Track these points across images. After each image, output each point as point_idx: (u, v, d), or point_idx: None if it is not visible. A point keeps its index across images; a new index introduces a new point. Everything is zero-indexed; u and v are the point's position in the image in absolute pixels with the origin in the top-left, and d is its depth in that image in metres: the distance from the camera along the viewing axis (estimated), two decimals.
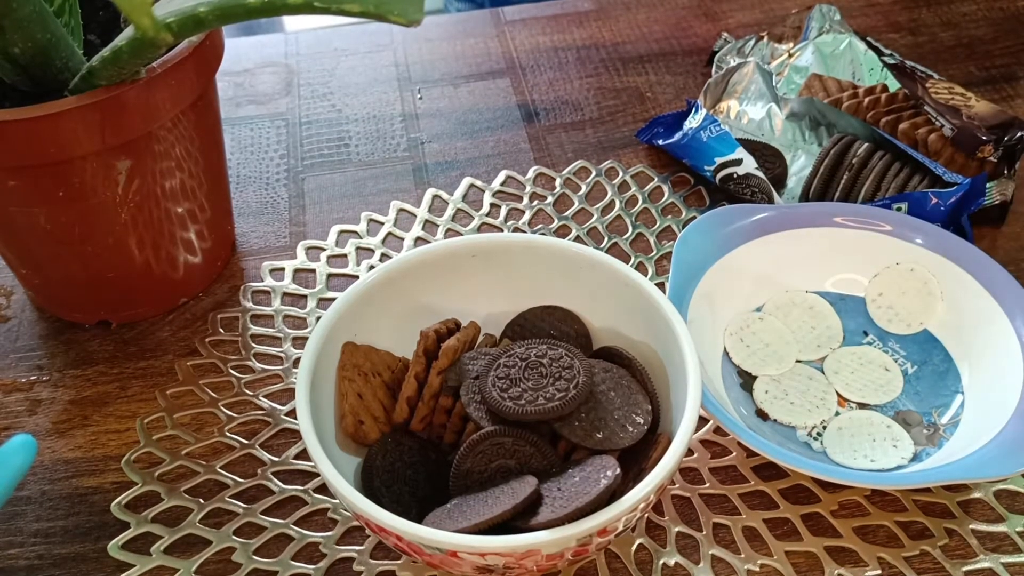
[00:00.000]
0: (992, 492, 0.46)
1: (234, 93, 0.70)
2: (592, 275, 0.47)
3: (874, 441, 0.47)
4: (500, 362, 0.43)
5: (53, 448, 0.49)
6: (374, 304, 0.46)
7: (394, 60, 0.73)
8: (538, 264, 0.48)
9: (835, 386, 0.50)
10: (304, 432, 0.39)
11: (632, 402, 0.43)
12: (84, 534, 0.46)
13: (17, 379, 0.52)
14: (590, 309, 0.48)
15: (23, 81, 0.45)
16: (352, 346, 0.44)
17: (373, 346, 0.46)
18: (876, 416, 0.49)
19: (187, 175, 0.50)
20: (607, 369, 0.44)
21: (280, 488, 0.47)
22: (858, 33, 0.67)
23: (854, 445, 0.47)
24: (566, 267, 0.47)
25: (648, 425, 0.42)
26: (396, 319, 0.47)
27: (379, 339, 0.46)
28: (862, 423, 0.48)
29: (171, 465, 0.48)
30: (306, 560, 0.44)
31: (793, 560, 0.44)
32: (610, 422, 0.42)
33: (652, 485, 0.37)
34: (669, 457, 0.38)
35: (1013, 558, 0.44)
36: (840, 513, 0.46)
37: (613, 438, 0.41)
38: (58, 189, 0.45)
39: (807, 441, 0.48)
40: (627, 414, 0.42)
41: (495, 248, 0.48)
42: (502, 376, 0.42)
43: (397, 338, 0.47)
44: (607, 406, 0.43)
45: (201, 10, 0.38)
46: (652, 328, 0.45)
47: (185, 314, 0.55)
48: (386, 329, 0.46)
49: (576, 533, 0.36)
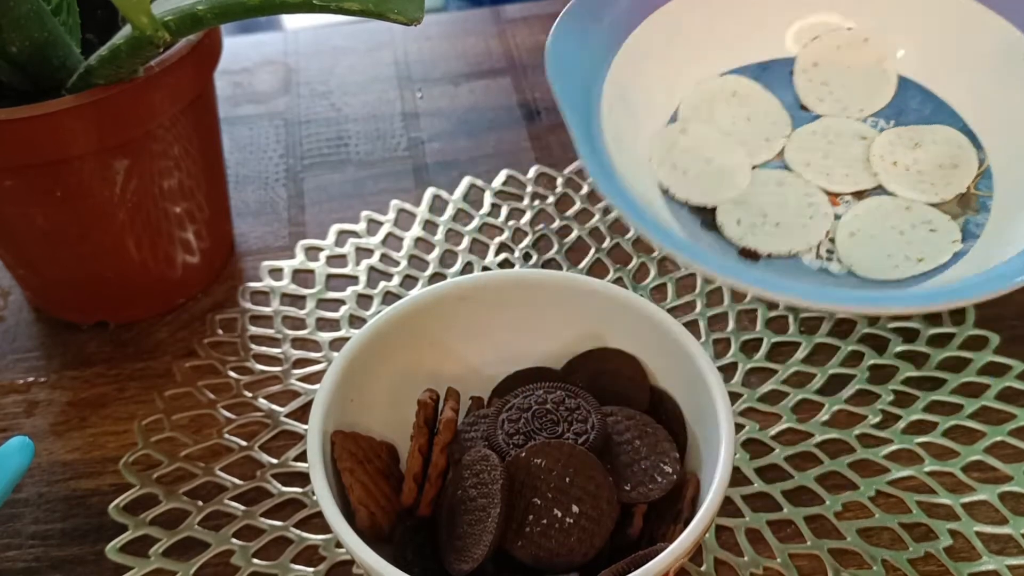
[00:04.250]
0: (997, 494, 0.46)
1: (232, 92, 0.70)
2: (596, 307, 0.43)
3: (903, 234, 0.36)
4: (504, 418, 0.41)
5: (50, 450, 0.49)
6: (354, 383, 0.42)
7: (394, 59, 0.73)
8: (533, 304, 0.44)
9: (815, 182, 0.39)
10: (342, 534, 0.36)
11: (659, 451, 0.41)
12: (82, 536, 0.45)
13: (14, 380, 0.52)
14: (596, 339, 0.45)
15: (20, 80, 0.44)
16: (343, 435, 0.41)
17: (359, 432, 0.43)
18: (887, 200, 0.38)
19: (185, 175, 0.50)
20: (629, 416, 0.42)
21: (279, 490, 0.47)
22: None
23: (883, 248, 0.36)
24: (571, 302, 0.44)
25: (677, 476, 0.40)
26: (374, 396, 0.43)
27: (361, 423, 0.43)
28: (876, 216, 0.38)
29: (169, 467, 0.48)
30: (306, 563, 0.44)
31: (797, 563, 0.44)
32: (638, 473, 0.40)
33: (697, 532, 0.35)
34: (715, 490, 0.36)
35: (1018, 560, 0.44)
36: (844, 515, 0.45)
37: (642, 489, 0.40)
38: (55, 189, 0.45)
39: (821, 266, 0.38)
40: (654, 464, 0.40)
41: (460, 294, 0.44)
42: (512, 432, 0.40)
43: (372, 418, 0.44)
44: (633, 456, 0.41)
45: (199, 8, 0.38)
46: (663, 355, 0.42)
47: (183, 315, 0.55)
48: (363, 410, 0.43)
49: None
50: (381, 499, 0.42)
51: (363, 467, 0.42)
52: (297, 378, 0.51)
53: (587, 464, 0.39)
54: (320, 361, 0.52)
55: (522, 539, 0.38)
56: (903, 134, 0.38)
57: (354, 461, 0.41)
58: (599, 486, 0.39)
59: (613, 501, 0.39)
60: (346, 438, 0.42)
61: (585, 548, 0.38)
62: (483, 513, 0.38)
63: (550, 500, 0.38)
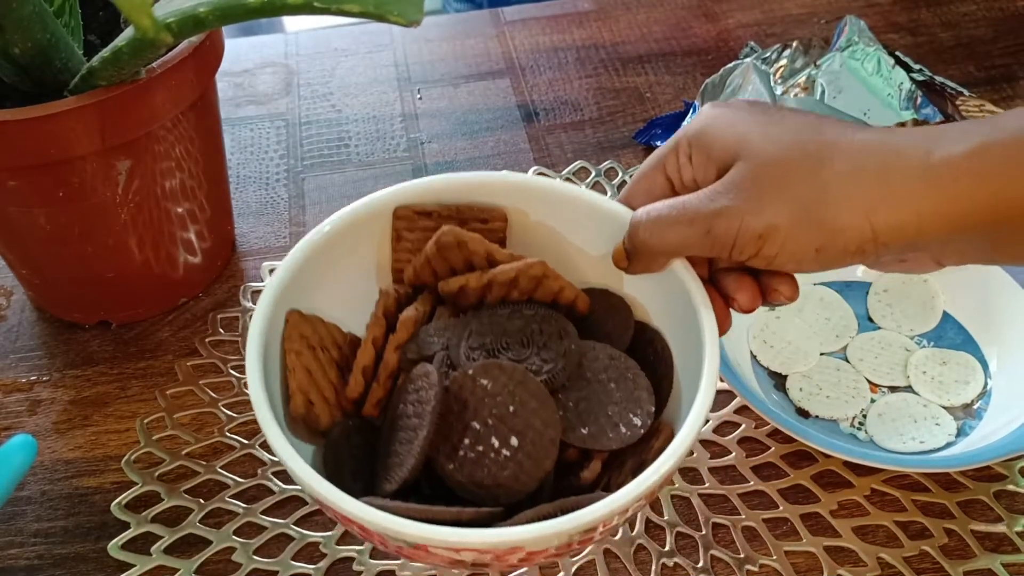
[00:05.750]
0: (992, 492, 0.46)
1: (234, 93, 0.70)
2: (596, 228, 0.42)
3: (916, 422, 0.48)
4: (471, 330, 0.38)
5: (53, 448, 0.49)
6: (318, 270, 0.41)
7: (394, 60, 0.73)
8: (524, 212, 0.43)
9: (863, 373, 0.51)
10: (261, 418, 0.35)
11: (633, 399, 0.39)
12: (84, 534, 0.46)
13: (17, 379, 0.52)
14: (592, 268, 0.43)
15: (23, 81, 0.45)
16: (298, 315, 0.39)
17: (321, 317, 0.41)
18: (911, 397, 0.50)
19: (187, 175, 0.50)
20: (613, 356, 0.40)
21: (280, 488, 0.47)
22: (887, 47, 0.66)
23: (899, 429, 0.48)
24: (570, 221, 0.43)
25: (645, 429, 0.39)
26: (345, 284, 0.42)
27: (325, 309, 0.42)
28: (900, 406, 0.49)
29: (171, 465, 0.48)
30: (306, 560, 0.44)
31: (792, 560, 0.44)
32: (601, 417, 0.38)
33: (648, 483, 0.34)
34: (671, 452, 0.35)
35: (1012, 558, 0.44)
36: (840, 513, 0.46)
37: (600, 436, 0.38)
38: (58, 189, 0.45)
39: (852, 432, 0.49)
40: (624, 411, 0.39)
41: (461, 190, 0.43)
42: (475, 346, 0.38)
43: (344, 310, 0.42)
44: (603, 398, 0.39)
45: (201, 10, 0.38)
46: (667, 303, 0.41)
47: (185, 314, 0.55)
48: (333, 298, 0.42)
49: (562, 530, 0.32)
50: (326, 390, 0.39)
51: (313, 353, 0.39)
52: None
53: (536, 396, 0.37)
54: None
55: (454, 462, 0.36)
56: (936, 353, 0.52)
57: (304, 344, 0.39)
58: (545, 423, 0.36)
59: (556, 441, 0.37)
60: (302, 320, 0.39)
61: (517, 486, 0.36)
62: (413, 433, 0.36)
63: (488, 427, 0.36)
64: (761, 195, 0.35)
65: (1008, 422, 0.46)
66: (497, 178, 0.44)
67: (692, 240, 0.37)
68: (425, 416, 0.36)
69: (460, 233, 0.39)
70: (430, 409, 0.36)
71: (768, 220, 0.35)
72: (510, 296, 0.41)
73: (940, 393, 0.50)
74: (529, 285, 0.40)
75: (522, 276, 0.39)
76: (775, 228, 0.35)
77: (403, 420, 0.37)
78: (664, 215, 0.38)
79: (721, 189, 0.36)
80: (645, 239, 0.39)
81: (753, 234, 0.35)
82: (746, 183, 0.36)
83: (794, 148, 0.36)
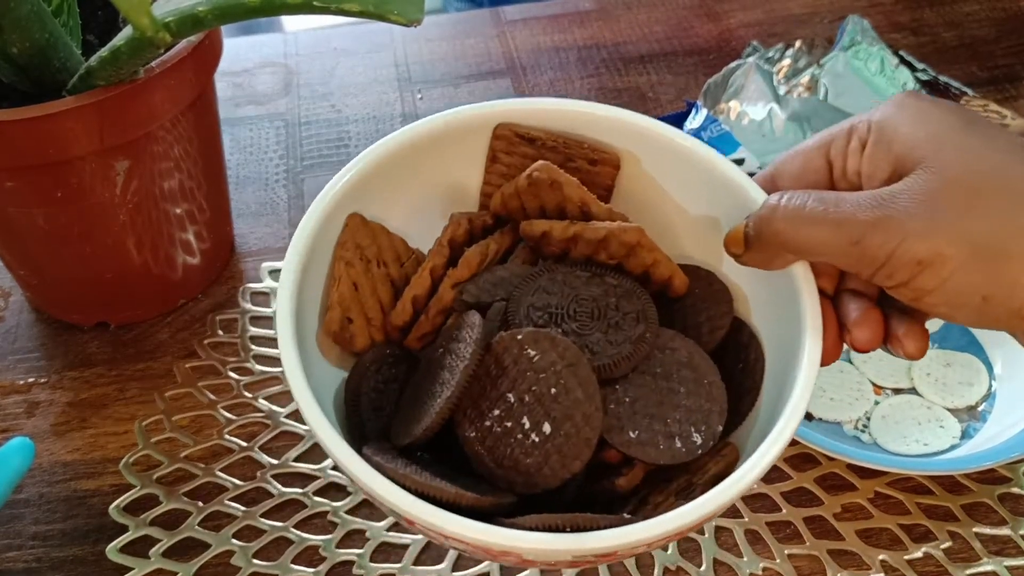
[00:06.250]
0: (996, 495, 0.46)
1: (233, 93, 0.70)
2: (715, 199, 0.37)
3: (919, 424, 0.48)
4: (540, 285, 0.34)
5: (51, 450, 0.49)
6: (394, 175, 0.37)
7: (394, 60, 0.73)
8: (637, 159, 0.38)
9: (867, 375, 0.51)
10: (280, 330, 0.31)
11: (701, 412, 0.33)
12: (82, 537, 0.45)
13: (15, 381, 0.52)
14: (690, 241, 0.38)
15: (21, 81, 0.44)
16: (360, 221, 0.35)
17: (385, 226, 0.37)
18: (915, 399, 0.50)
19: (186, 176, 0.50)
20: (692, 357, 0.34)
21: (280, 491, 0.47)
22: (891, 47, 0.66)
23: (902, 431, 0.48)
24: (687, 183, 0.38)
25: (704, 451, 0.34)
26: (418, 199, 0.38)
27: (393, 220, 0.37)
28: (904, 408, 0.49)
29: (170, 468, 0.48)
30: (306, 563, 0.44)
31: (795, 563, 0.44)
32: (656, 424, 0.33)
33: (684, 521, 0.28)
34: (732, 482, 0.29)
35: (1017, 561, 0.44)
36: (843, 516, 0.45)
37: (648, 446, 0.32)
38: (56, 190, 0.45)
39: (855, 434, 0.48)
40: (685, 423, 0.33)
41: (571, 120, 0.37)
42: (540, 306, 0.33)
43: (417, 223, 0.38)
44: (665, 402, 0.33)
45: (200, 9, 0.38)
46: (771, 306, 0.36)
47: (184, 315, 0.55)
48: (406, 209, 0.38)
49: (567, 548, 0.29)
50: (371, 309, 0.35)
51: (367, 266, 0.35)
52: None
53: (584, 385, 0.32)
54: None
55: (477, 430, 0.32)
56: (941, 355, 0.51)
57: (358, 255, 0.34)
58: (586, 419, 0.32)
59: (593, 443, 0.32)
60: (362, 227, 0.35)
61: (538, 478, 0.32)
62: (440, 388, 0.32)
63: (523, 404, 0.32)
64: (937, 215, 0.30)
65: (1012, 424, 0.46)
66: (618, 115, 0.38)
67: (834, 247, 0.31)
68: (456, 374, 0.32)
69: (556, 172, 0.35)
70: (463, 367, 0.32)
71: (937, 247, 0.30)
72: (596, 256, 0.36)
73: (944, 395, 0.49)
74: (620, 251, 0.35)
75: (613, 239, 0.34)
76: (943, 258, 0.30)
77: (437, 367, 0.33)
78: (809, 208, 0.32)
79: (888, 195, 0.31)
80: (778, 230, 0.33)
81: (913, 258, 0.30)
82: (923, 195, 0.30)
83: (996, 173, 0.30)
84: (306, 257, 0.33)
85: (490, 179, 0.39)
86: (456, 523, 0.29)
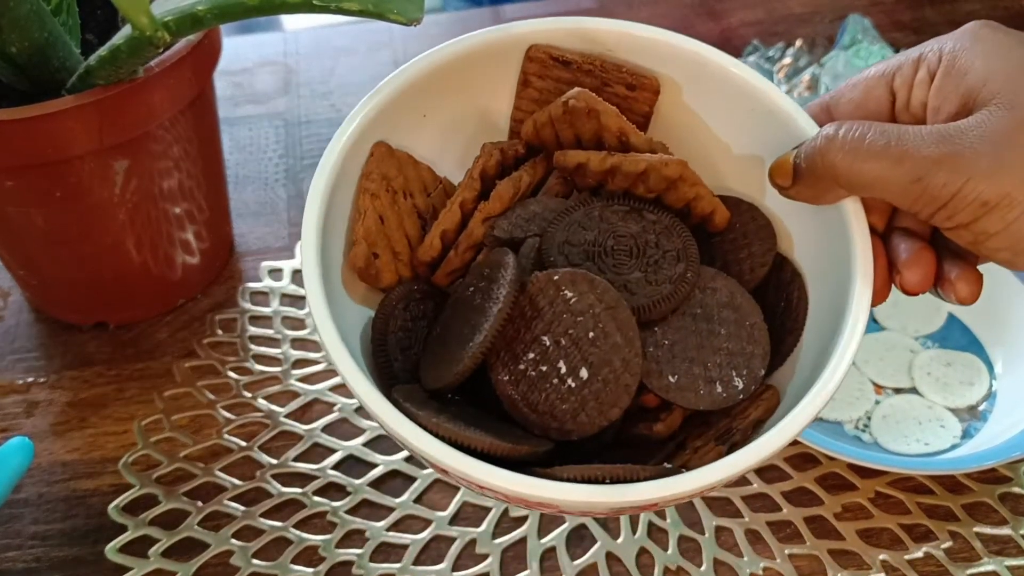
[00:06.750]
0: (997, 495, 0.46)
1: (232, 92, 0.70)
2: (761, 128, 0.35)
3: (920, 424, 0.48)
4: (575, 220, 0.32)
5: (50, 450, 0.49)
6: (420, 102, 0.35)
7: (394, 59, 0.73)
8: (679, 86, 0.36)
9: (868, 375, 0.51)
10: (306, 267, 0.30)
11: (743, 355, 0.32)
12: (81, 537, 0.45)
13: (14, 381, 0.52)
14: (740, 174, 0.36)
15: (20, 80, 0.44)
16: (386, 150, 0.33)
17: (412, 155, 0.35)
18: (916, 399, 0.50)
19: (185, 175, 0.50)
20: (734, 297, 0.33)
21: (279, 491, 0.47)
22: (892, 46, 0.66)
23: (903, 431, 0.48)
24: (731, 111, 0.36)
25: (745, 396, 0.32)
26: (445, 126, 0.36)
27: (421, 148, 0.35)
28: (904, 408, 0.49)
29: (169, 467, 0.48)
30: (305, 563, 0.44)
31: (796, 563, 0.44)
32: (696, 367, 0.31)
33: (739, 466, 0.28)
34: (776, 433, 0.28)
35: (1017, 561, 0.44)
36: (843, 515, 0.45)
37: (688, 390, 0.31)
38: (55, 189, 0.45)
39: (856, 434, 0.48)
40: (726, 367, 0.31)
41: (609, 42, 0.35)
42: (575, 243, 0.32)
43: (443, 151, 0.36)
44: (705, 344, 0.32)
45: (199, 8, 0.38)
46: (818, 242, 0.34)
47: (183, 315, 0.55)
48: (434, 137, 0.36)
49: (606, 501, 0.28)
50: (398, 243, 0.33)
51: (393, 198, 0.33)
52: (297, 378, 0.51)
53: (623, 329, 0.30)
54: (319, 362, 0.52)
55: (511, 373, 0.30)
56: (941, 355, 0.51)
57: (384, 187, 0.32)
58: (625, 365, 0.30)
59: (632, 389, 0.30)
60: (388, 156, 0.33)
61: (574, 425, 0.30)
62: (472, 332, 0.31)
63: (559, 347, 0.30)
64: (1007, 155, 0.28)
65: (1013, 424, 0.46)
66: (659, 36, 0.37)
67: (893, 183, 0.30)
68: (490, 316, 0.30)
69: (594, 100, 0.33)
70: (497, 311, 0.30)
71: (1005, 188, 0.28)
72: (635, 190, 0.34)
73: (945, 395, 0.49)
74: (659, 184, 0.33)
75: (653, 172, 0.32)
76: (1011, 200, 0.28)
77: (467, 308, 0.32)
78: (869, 140, 0.30)
79: (955, 131, 0.29)
80: (834, 162, 0.31)
81: (978, 199, 0.29)
82: (993, 133, 0.29)
83: None
84: (330, 189, 0.32)
85: (521, 104, 0.37)
86: (495, 475, 0.28)
